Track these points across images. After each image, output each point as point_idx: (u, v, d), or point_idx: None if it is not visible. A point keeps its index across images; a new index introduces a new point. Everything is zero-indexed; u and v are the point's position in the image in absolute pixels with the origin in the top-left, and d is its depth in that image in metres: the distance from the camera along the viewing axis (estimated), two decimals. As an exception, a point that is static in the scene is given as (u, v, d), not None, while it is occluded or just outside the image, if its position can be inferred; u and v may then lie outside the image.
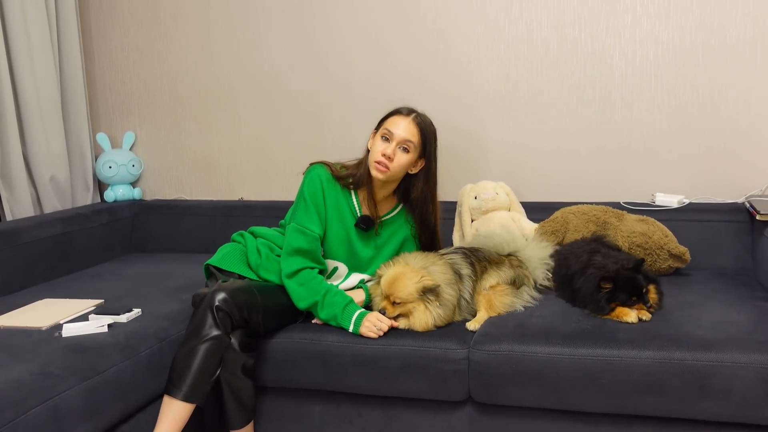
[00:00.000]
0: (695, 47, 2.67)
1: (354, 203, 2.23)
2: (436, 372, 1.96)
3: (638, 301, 2.01)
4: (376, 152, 2.14)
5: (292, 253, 2.14)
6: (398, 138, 2.13)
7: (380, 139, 2.16)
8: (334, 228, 2.21)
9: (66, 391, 1.70)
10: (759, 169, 2.66)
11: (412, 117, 2.17)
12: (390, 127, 2.15)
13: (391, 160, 2.13)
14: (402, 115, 2.18)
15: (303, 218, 2.16)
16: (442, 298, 2.04)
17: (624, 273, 2.02)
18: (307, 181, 2.19)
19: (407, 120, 2.16)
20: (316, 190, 2.18)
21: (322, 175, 2.20)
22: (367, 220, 2.23)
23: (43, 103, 3.01)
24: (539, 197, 2.87)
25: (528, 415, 1.97)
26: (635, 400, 1.82)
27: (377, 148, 2.14)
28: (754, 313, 2.02)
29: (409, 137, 2.14)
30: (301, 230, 2.15)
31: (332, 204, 2.20)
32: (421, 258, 2.14)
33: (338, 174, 2.22)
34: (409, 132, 2.14)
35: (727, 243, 2.56)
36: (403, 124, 2.15)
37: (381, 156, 2.12)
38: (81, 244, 2.95)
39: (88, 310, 2.22)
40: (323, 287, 2.11)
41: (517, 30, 2.84)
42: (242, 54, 3.18)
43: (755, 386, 1.73)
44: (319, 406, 2.15)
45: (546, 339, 1.91)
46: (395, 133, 2.13)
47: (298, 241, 2.14)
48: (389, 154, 2.12)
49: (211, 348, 1.92)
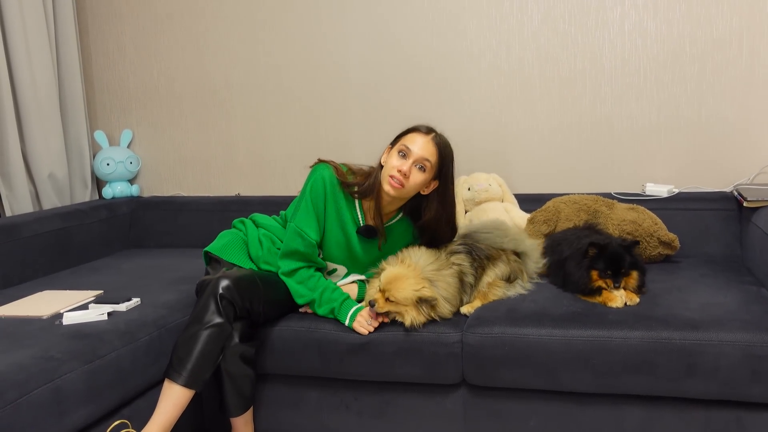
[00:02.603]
0: (683, 40, 2.72)
1: (357, 212, 2.20)
2: (430, 356, 2.00)
3: (612, 277, 2.04)
4: (392, 167, 2.07)
5: (289, 253, 2.15)
6: (416, 156, 2.06)
7: (396, 154, 2.09)
8: (334, 233, 2.19)
9: (67, 374, 1.74)
10: (746, 158, 2.71)
11: (432, 136, 2.11)
12: (408, 143, 2.08)
13: (407, 177, 2.06)
14: (421, 133, 2.11)
15: (303, 222, 2.14)
16: (437, 311, 2.04)
17: (614, 247, 2.07)
18: (312, 183, 2.15)
19: (426, 138, 2.10)
20: (318, 195, 2.14)
21: (327, 179, 2.14)
22: (370, 230, 2.21)
23: (42, 101, 3.05)
24: (532, 189, 2.92)
25: (521, 397, 2.01)
26: (625, 380, 1.86)
27: (393, 163, 2.08)
28: (740, 296, 2.06)
29: (427, 156, 2.08)
30: (299, 234, 2.14)
31: (333, 210, 2.17)
32: (431, 262, 2.10)
33: (345, 180, 2.16)
34: (427, 151, 2.08)
35: (715, 231, 2.61)
36: (421, 142, 2.08)
37: (396, 172, 2.06)
38: (80, 239, 2.98)
39: (87, 300, 2.25)
40: (321, 285, 2.14)
41: (508, 24, 2.89)
42: (238, 51, 3.23)
43: (741, 364, 1.77)
44: (317, 392, 2.19)
45: (538, 322, 1.96)
46: (413, 151, 2.07)
47: (295, 244, 2.14)
48: (405, 171, 2.05)
49: (213, 335, 1.95)
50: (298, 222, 2.15)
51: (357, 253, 2.24)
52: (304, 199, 2.16)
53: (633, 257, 2.08)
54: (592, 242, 2.10)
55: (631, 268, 2.07)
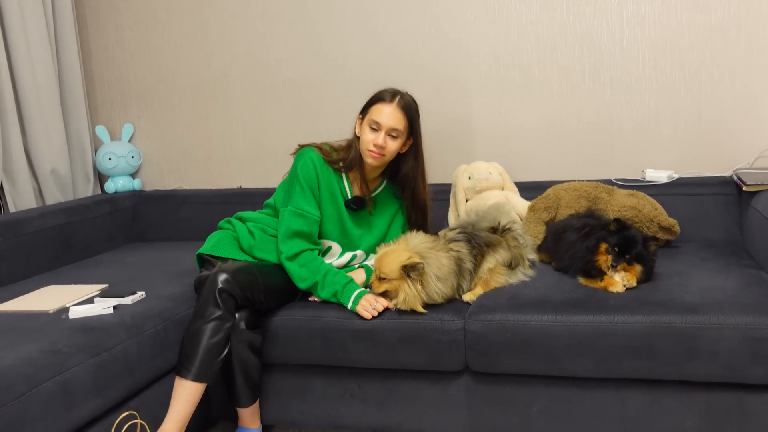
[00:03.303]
0: (681, 26, 2.72)
1: (345, 185, 2.29)
2: (433, 343, 2.02)
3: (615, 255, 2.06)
4: (368, 142, 2.20)
5: (291, 236, 2.18)
6: (386, 127, 2.18)
7: (368, 129, 2.20)
8: (328, 209, 2.26)
9: (75, 367, 1.76)
10: (745, 143, 2.71)
11: (396, 102, 2.20)
12: (376, 117, 2.19)
13: (384, 148, 2.19)
14: (386, 102, 2.20)
15: (301, 202, 2.20)
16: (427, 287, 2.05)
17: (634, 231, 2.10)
18: (301, 165, 2.23)
19: (392, 107, 2.19)
20: (310, 174, 2.22)
21: (315, 159, 2.23)
22: (358, 201, 2.29)
23: (43, 97, 3.06)
24: (532, 177, 2.92)
25: (523, 383, 2.03)
26: (626, 364, 1.88)
27: (367, 137, 2.20)
28: (740, 279, 2.07)
29: (396, 125, 2.19)
30: (300, 213, 2.19)
31: (325, 186, 2.25)
32: (427, 244, 2.12)
33: (329, 157, 2.26)
34: (394, 120, 2.19)
35: (715, 216, 2.62)
36: (388, 112, 2.19)
37: (373, 146, 2.19)
38: (83, 234, 3.00)
39: (93, 294, 2.27)
40: (324, 268, 2.16)
41: (506, 12, 2.88)
42: (237, 44, 3.23)
43: (741, 347, 1.79)
44: (321, 381, 2.21)
45: (539, 308, 1.97)
46: (382, 123, 2.18)
47: (297, 224, 2.18)
48: (381, 143, 2.18)
49: (216, 328, 1.98)
50: (296, 203, 2.20)
51: (348, 227, 2.31)
52: (297, 182, 2.21)
53: (644, 249, 2.07)
54: (617, 218, 2.14)
55: (637, 259, 2.07)
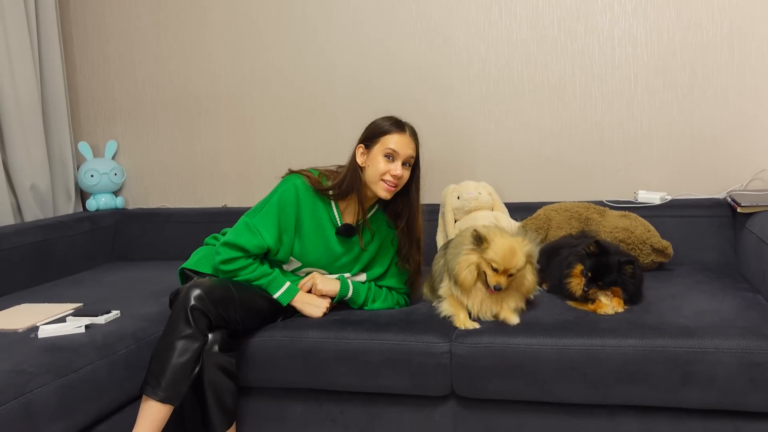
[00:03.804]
0: (673, 46, 2.69)
1: (335, 213, 2.19)
2: (418, 366, 1.94)
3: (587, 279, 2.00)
4: (383, 173, 2.08)
5: (232, 246, 2.09)
6: (404, 157, 2.08)
7: (383, 158, 2.08)
8: (311, 238, 2.17)
9: (39, 388, 1.66)
10: (739, 165, 2.67)
11: (409, 132, 2.13)
12: (393, 146, 2.08)
13: (401, 178, 2.10)
14: (400, 132, 2.11)
15: (260, 222, 2.11)
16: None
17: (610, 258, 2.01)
18: (283, 191, 2.13)
19: (406, 136, 2.11)
20: (288, 203, 2.12)
21: (300, 187, 2.13)
22: (348, 229, 2.20)
23: (24, 111, 2.99)
24: (522, 197, 2.87)
25: (512, 409, 1.94)
26: (619, 390, 1.80)
27: (381, 168, 2.07)
28: (736, 302, 2.01)
29: (412, 153, 2.12)
30: (252, 230, 2.10)
31: (309, 215, 2.15)
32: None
33: (318, 185, 2.15)
34: (411, 148, 2.11)
35: (709, 238, 2.57)
36: (404, 142, 2.10)
37: (390, 177, 2.07)
38: (61, 252, 2.92)
39: (66, 313, 2.18)
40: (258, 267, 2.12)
41: (497, 31, 2.85)
42: (223, 61, 3.19)
43: (738, 372, 1.72)
44: (301, 406, 2.12)
45: (528, 331, 1.90)
46: (400, 153, 2.08)
47: (243, 239, 2.08)
48: (399, 174, 2.07)
49: (186, 346, 1.88)
50: (255, 221, 2.11)
51: (337, 253, 2.21)
52: (268, 204, 2.13)
53: (619, 276, 2.00)
54: (598, 241, 2.06)
55: (611, 285, 2.01)
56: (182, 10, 3.20)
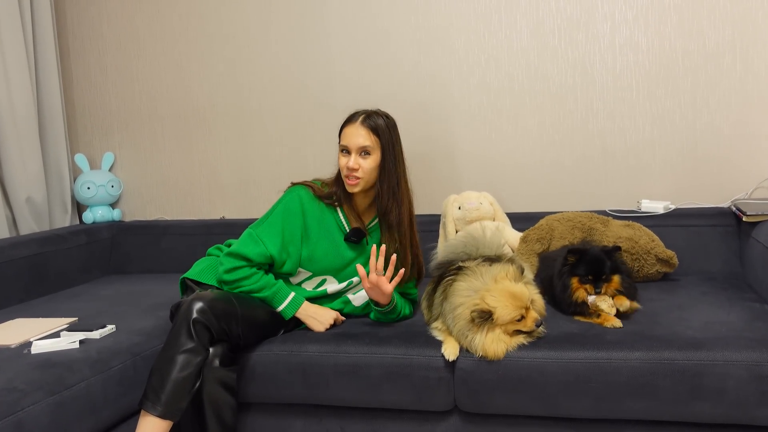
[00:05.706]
0: (675, 53, 2.67)
1: (341, 218, 2.20)
2: (420, 380, 1.89)
3: (592, 282, 1.99)
4: (342, 168, 2.15)
5: (236, 256, 2.09)
6: (354, 147, 2.11)
7: (341, 155, 2.16)
8: (321, 245, 2.17)
9: (31, 406, 1.62)
10: (743, 173, 2.64)
11: (360, 121, 2.14)
12: (344, 141, 2.15)
13: (357, 170, 2.12)
14: (351, 123, 2.16)
15: (265, 232, 2.11)
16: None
17: (594, 251, 2.01)
18: (287, 201, 2.15)
19: (355, 126, 2.13)
20: (292, 213, 2.14)
21: (304, 197, 2.16)
22: (357, 233, 2.20)
23: (20, 123, 2.96)
24: (524, 207, 2.83)
25: (516, 424, 1.89)
26: (626, 404, 1.75)
27: (341, 163, 2.15)
28: (744, 313, 1.97)
29: (363, 142, 2.11)
30: (257, 240, 2.10)
31: (316, 223, 2.17)
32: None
33: (321, 193, 2.19)
34: (361, 137, 2.11)
35: (714, 247, 2.53)
36: (352, 133, 2.13)
37: (347, 170, 2.13)
38: (57, 265, 2.88)
39: (60, 328, 2.14)
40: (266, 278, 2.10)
41: (497, 40, 2.83)
42: (221, 72, 3.16)
43: (749, 384, 1.67)
44: (301, 422, 2.07)
45: (533, 344, 1.85)
46: (350, 145, 2.12)
47: (247, 249, 2.08)
48: (352, 166, 2.11)
49: (188, 360, 1.84)
50: (260, 231, 2.12)
51: (348, 259, 2.21)
52: (272, 215, 2.15)
53: (614, 261, 2.01)
54: (570, 249, 2.05)
55: (612, 272, 2.00)
56: (180, 22, 3.18)
